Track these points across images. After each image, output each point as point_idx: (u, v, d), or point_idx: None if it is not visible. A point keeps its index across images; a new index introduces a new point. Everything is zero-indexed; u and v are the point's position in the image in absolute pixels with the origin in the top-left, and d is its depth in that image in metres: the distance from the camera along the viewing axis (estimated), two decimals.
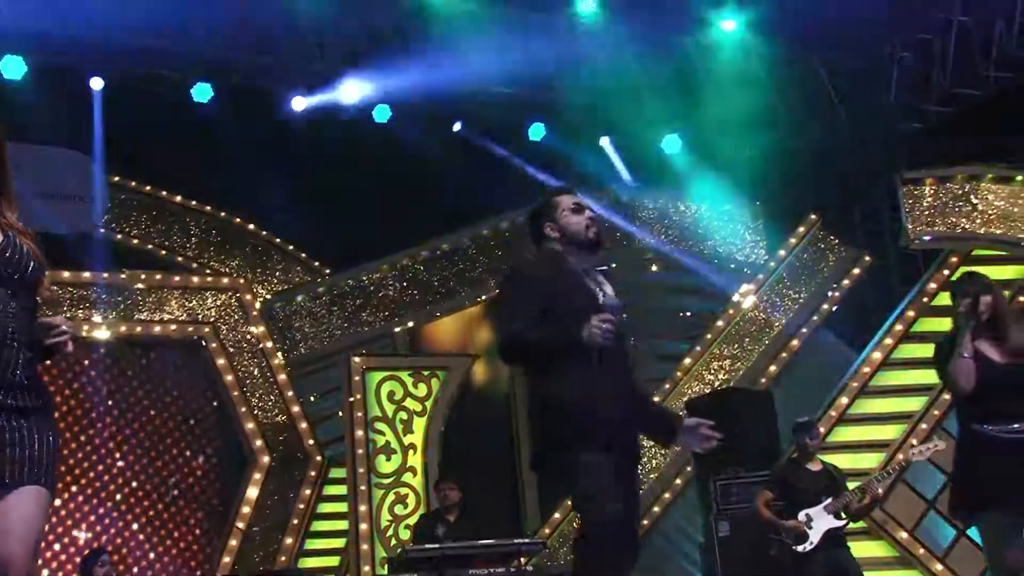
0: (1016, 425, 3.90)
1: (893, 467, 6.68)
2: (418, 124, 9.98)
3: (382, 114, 9.97)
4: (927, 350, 8.54)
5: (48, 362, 2.71)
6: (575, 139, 10.61)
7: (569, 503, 8.71)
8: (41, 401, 2.57)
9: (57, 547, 8.34)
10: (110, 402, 8.79)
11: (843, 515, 6.12)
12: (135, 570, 8.50)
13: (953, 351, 3.96)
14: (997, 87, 10.86)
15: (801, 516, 6.09)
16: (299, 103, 9.90)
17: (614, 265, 3.60)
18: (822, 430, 7.67)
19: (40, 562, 8.27)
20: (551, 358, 3.27)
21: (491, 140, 10.08)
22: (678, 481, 9.09)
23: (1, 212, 2.71)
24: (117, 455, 8.67)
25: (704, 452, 3.50)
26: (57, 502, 8.35)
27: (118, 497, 8.60)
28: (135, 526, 8.58)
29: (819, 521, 6.07)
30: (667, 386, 9.45)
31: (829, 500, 6.08)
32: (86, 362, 8.76)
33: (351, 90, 9.75)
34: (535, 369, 3.36)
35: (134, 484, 8.68)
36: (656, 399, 3.70)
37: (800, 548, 6.05)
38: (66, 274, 8.77)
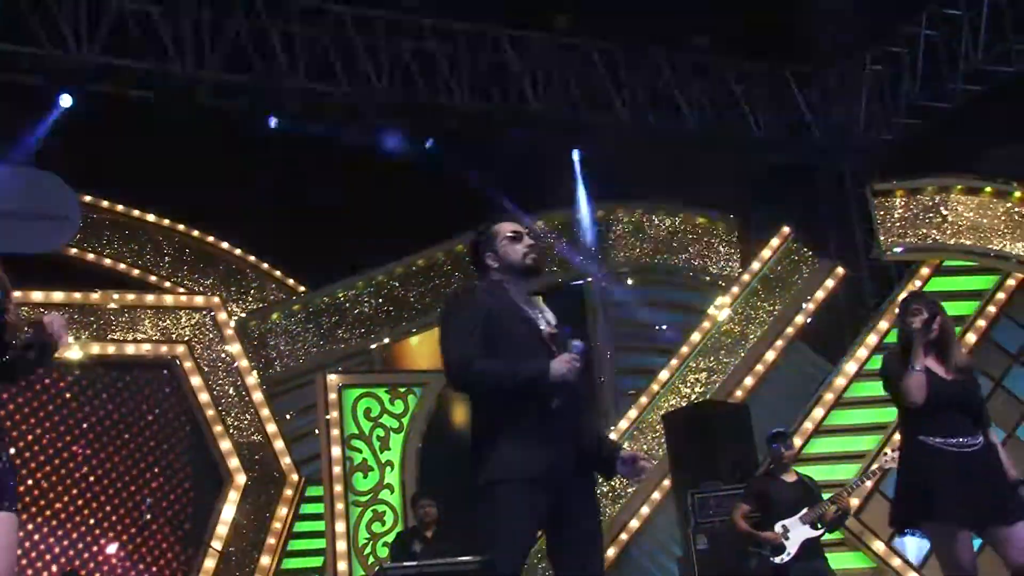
0: (960, 439, 4.09)
1: (866, 476, 6.71)
2: (392, 141, 9.99)
3: (354, 132, 9.95)
4: None
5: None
6: (547, 153, 10.65)
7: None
8: None
9: (30, 572, 8.22)
10: (84, 424, 8.68)
11: (819, 525, 6.15)
12: None
13: (903, 364, 4.11)
14: (965, 98, 11.02)
15: (778, 528, 6.11)
16: (272, 121, 9.88)
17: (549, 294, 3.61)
18: (798, 442, 7.70)
19: None
20: (503, 391, 3.22)
21: (463, 155, 10.08)
22: (656, 495, 9.09)
23: None
24: (91, 477, 8.57)
25: (635, 479, 3.49)
26: (30, 525, 8.24)
27: (91, 520, 8.49)
28: (110, 548, 8.47)
29: (795, 532, 6.09)
30: (644, 400, 9.47)
31: (805, 511, 6.11)
32: (60, 383, 8.66)
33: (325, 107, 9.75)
34: (483, 399, 3.31)
35: (108, 506, 8.57)
36: (610, 432, 3.51)
37: (778, 559, 6.07)
38: (37, 294, 8.68)
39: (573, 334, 3.35)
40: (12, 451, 2.62)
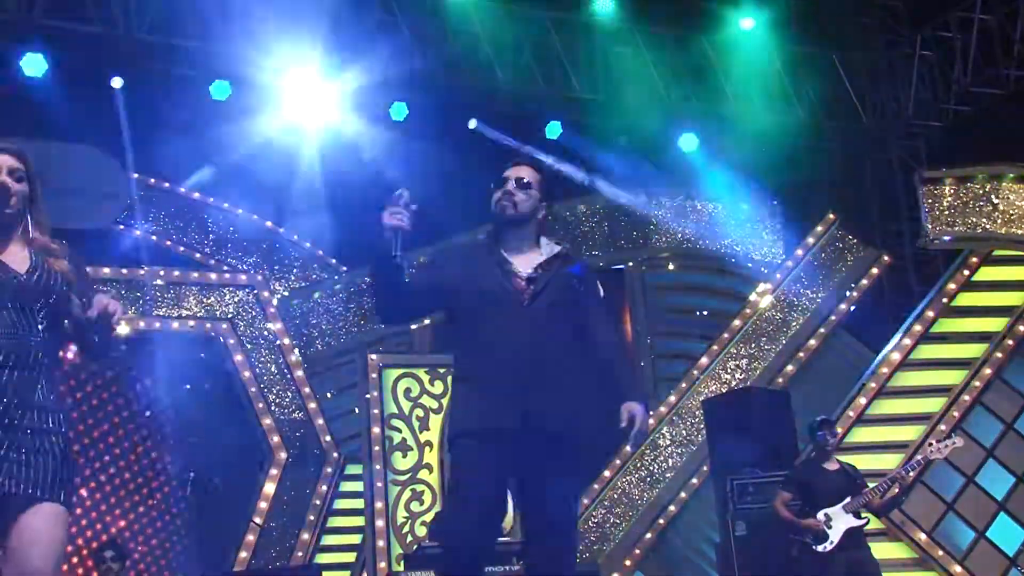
0: None
1: (911, 465, 6.63)
2: (436, 122, 10.00)
3: (399, 112, 9.98)
4: (946, 351, 8.61)
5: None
6: (592, 137, 10.60)
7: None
8: (60, 419, 2.65)
9: (80, 541, 8.40)
10: (127, 399, 8.83)
11: (862, 514, 6.09)
12: (155, 563, 8.54)
13: None
14: (1018, 85, 10.79)
15: (820, 516, 6.06)
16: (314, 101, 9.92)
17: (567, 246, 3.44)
18: (840, 430, 7.63)
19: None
20: (379, 295, 3.24)
21: (508, 136, 10.06)
22: (694, 480, 9.07)
23: (29, 234, 2.72)
24: (134, 452, 8.71)
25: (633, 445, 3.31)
26: (81, 494, 8.41)
27: (135, 495, 8.64)
28: (152, 519, 8.62)
29: (838, 521, 6.04)
30: (683, 385, 9.43)
31: (848, 499, 6.05)
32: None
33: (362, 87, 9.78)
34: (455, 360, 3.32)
35: (153, 481, 8.71)
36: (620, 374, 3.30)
37: (820, 548, 6.02)
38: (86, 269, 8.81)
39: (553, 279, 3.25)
40: (76, 447, 2.64)
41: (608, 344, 3.30)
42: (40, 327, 2.64)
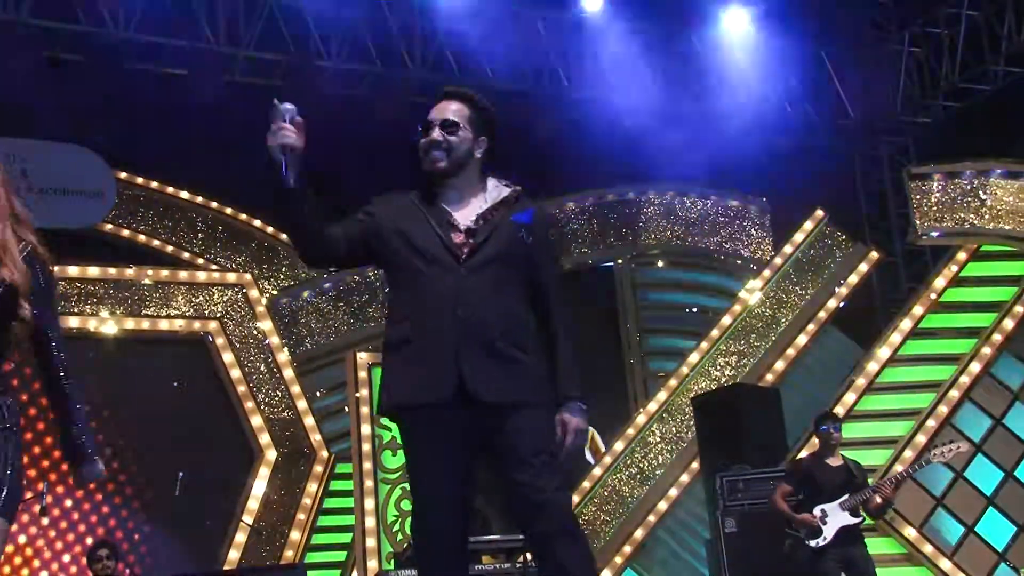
0: None
1: (912, 468, 6.57)
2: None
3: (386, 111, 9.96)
4: (935, 347, 8.64)
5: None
6: (582, 134, 10.59)
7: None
8: (10, 424, 2.52)
9: (71, 537, 8.37)
10: (117, 399, 8.79)
11: (858, 513, 6.07)
12: (141, 563, 8.52)
13: None
14: (1006, 81, 10.82)
15: (816, 511, 6.05)
16: (304, 100, 9.91)
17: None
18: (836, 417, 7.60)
19: (49, 554, 8.29)
20: (290, 230, 2.92)
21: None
22: (684, 477, 9.07)
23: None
24: (124, 452, 8.68)
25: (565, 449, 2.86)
26: (67, 498, 8.37)
27: (124, 493, 8.62)
28: (142, 519, 8.60)
29: (834, 517, 6.02)
30: (673, 382, 9.44)
31: (845, 497, 6.03)
32: (94, 358, 8.77)
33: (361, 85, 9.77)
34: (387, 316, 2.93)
35: (140, 480, 8.69)
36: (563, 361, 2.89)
37: (813, 543, 6.02)
38: (73, 269, 8.78)
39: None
40: (25, 459, 2.50)
41: (553, 312, 2.91)
42: None
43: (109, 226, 9.81)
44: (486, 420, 2.75)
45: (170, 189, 10.24)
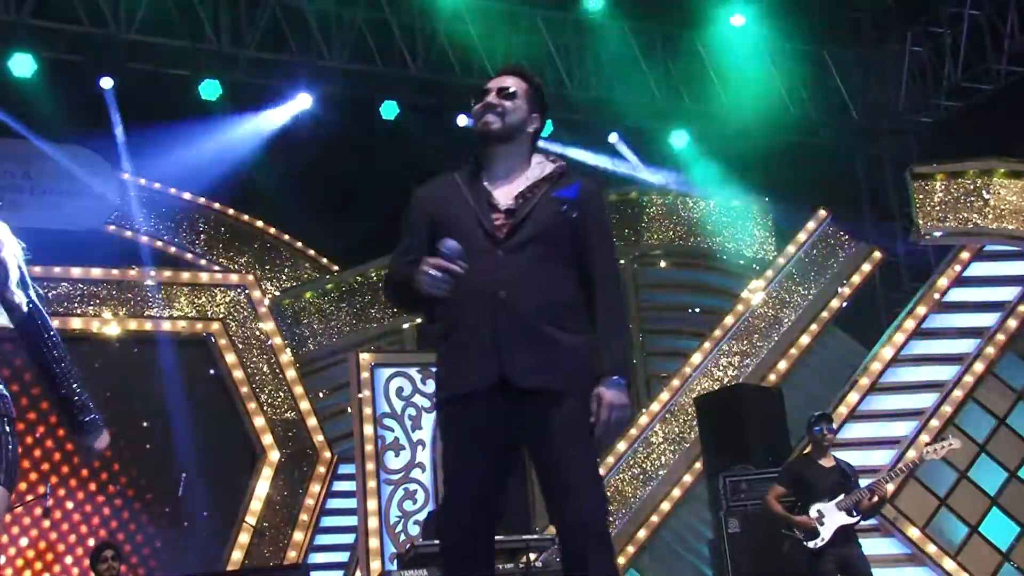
0: None
1: (905, 465, 6.61)
2: (423, 119, 9.99)
3: (389, 110, 9.97)
4: (938, 346, 8.62)
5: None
6: (582, 135, 10.60)
7: None
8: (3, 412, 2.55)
9: (62, 547, 8.36)
10: (120, 399, 8.79)
11: (855, 512, 6.08)
12: (144, 564, 8.52)
13: None
14: (1009, 80, 10.82)
15: (813, 512, 6.06)
16: (306, 100, 9.92)
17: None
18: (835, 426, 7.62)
19: (52, 556, 8.30)
20: (409, 302, 2.81)
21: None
22: (687, 478, 9.07)
23: None
24: (126, 452, 8.68)
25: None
26: (69, 500, 8.37)
27: (127, 494, 8.62)
28: (145, 520, 8.60)
29: (831, 517, 6.04)
30: (676, 382, 9.43)
31: (841, 497, 6.04)
32: (97, 359, 8.77)
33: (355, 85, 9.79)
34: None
35: (143, 480, 8.69)
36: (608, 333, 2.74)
37: (811, 544, 6.02)
38: (76, 271, 8.79)
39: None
40: (26, 463, 2.57)
41: (598, 287, 2.77)
42: None
43: (112, 227, 9.81)
44: (526, 409, 2.66)
45: (172, 190, 10.25)
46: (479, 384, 2.67)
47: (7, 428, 2.53)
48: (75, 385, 2.65)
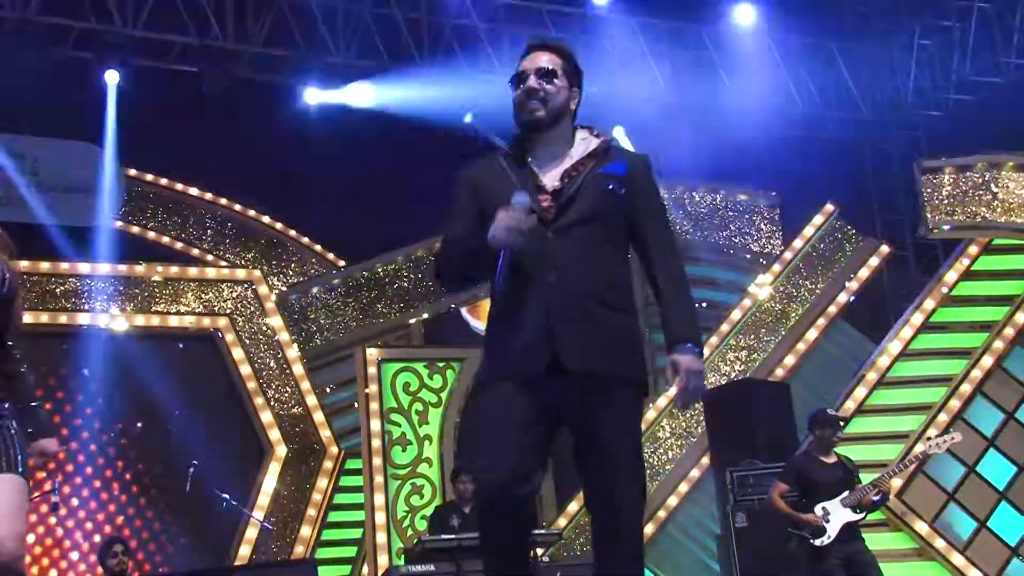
0: None
1: (910, 459, 6.61)
2: (436, 115, 9.97)
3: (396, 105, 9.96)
4: (946, 340, 8.60)
5: None
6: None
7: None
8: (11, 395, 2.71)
9: (78, 535, 8.40)
10: (127, 394, 8.82)
11: (859, 509, 6.07)
12: (151, 559, 8.55)
13: None
14: (1017, 73, 10.76)
15: (818, 510, 6.05)
16: (313, 96, 9.93)
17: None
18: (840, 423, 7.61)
19: (58, 552, 8.33)
20: (472, 272, 2.74)
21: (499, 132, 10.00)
22: (694, 472, 9.06)
23: None
24: (135, 446, 8.71)
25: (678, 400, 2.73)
26: (73, 496, 8.40)
27: (134, 489, 8.64)
28: (152, 515, 8.62)
29: (836, 515, 6.03)
30: None
31: (846, 493, 6.04)
32: (104, 357, 8.80)
33: (364, 85, 9.79)
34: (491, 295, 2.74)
35: (150, 476, 8.71)
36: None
37: (818, 542, 6.02)
38: (83, 266, 8.81)
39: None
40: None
41: (657, 262, 2.73)
42: None
43: (119, 223, 9.83)
44: (575, 393, 2.62)
45: (179, 186, 10.27)
46: (531, 367, 2.62)
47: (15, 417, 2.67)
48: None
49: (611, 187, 2.70)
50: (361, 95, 9.82)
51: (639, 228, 2.75)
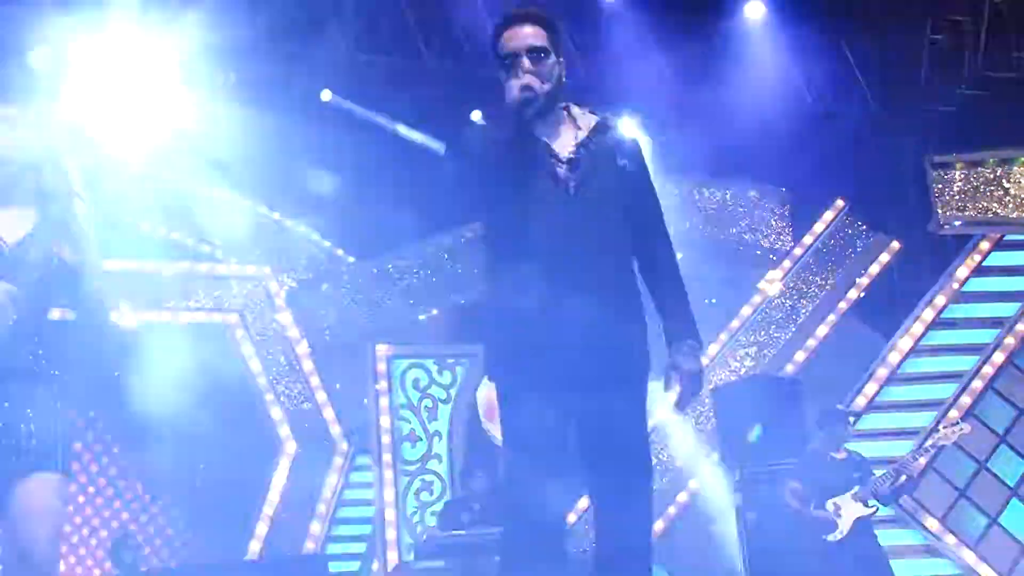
0: None
1: (924, 449, 6.57)
2: (438, 110, 9.96)
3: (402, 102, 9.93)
4: (957, 337, 8.56)
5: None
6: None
7: None
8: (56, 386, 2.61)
9: (77, 539, 8.42)
10: (136, 389, 8.84)
11: (870, 503, 6.06)
12: (161, 555, 8.58)
13: None
14: None
15: (829, 506, 6.05)
16: (324, 93, 9.92)
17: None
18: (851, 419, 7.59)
19: (65, 548, 8.35)
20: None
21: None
22: (705, 469, 9.04)
23: None
24: (144, 443, 8.73)
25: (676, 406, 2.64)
26: (82, 492, 8.43)
27: (144, 483, 8.67)
28: (162, 511, 8.65)
29: (847, 510, 6.02)
30: None
31: (857, 489, 6.03)
32: (113, 352, 8.82)
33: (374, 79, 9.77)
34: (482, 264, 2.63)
35: (161, 469, 8.73)
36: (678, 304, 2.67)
37: (830, 538, 6.01)
38: None
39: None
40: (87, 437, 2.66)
41: (659, 246, 2.72)
42: None
43: (128, 218, 9.84)
44: (594, 385, 2.54)
45: (189, 182, 10.26)
46: (560, 342, 2.48)
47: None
48: None
49: (623, 163, 2.66)
50: (372, 89, 9.80)
51: (635, 210, 2.69)
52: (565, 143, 2.65)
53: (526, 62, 2.62)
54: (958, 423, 6.34)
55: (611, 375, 2.55)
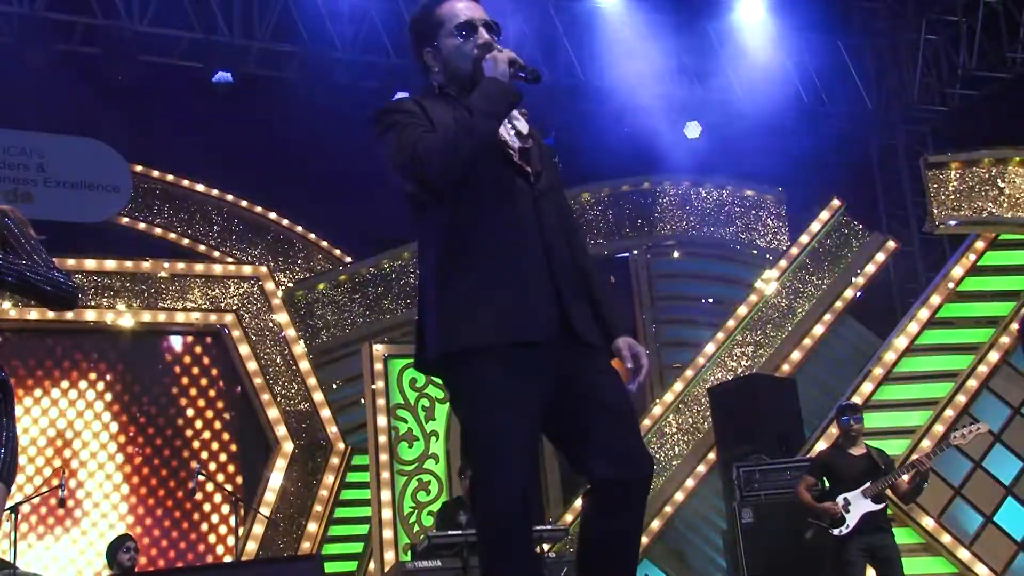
0: None
1: (940, 447, 6.57)
2: None
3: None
4: (952, 336, 8.58)
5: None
6: (594, 123, 10.57)
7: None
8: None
9: (88, 530, 8.42)
10: (134, 391, 8.85)
11: (882, 500, 6.08)
12: (160, 556, 8.57)
13: None
14: None
15: (839, 500, 6.07)
16: (317, 91, 9.92)
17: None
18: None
19: (66, 548, 8.35)
20: (474, 157, 2.38)
21: None
22: (701, 468, 9.06)
23: None
24: (140, 445, 8.73)
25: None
26: (81, 492, 8.42)
27: (142, 486, 8.66)
28: (160, 512, 8.65)
29: (856, 505, 6.04)
30: (689, 373, 9.41)
31: (867, 484, 6.04)
32: (110, 351, 8.82)
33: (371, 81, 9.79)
34: (424, 223, 2.51)
35: (159, 471, 8.73)
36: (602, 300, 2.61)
37: (836, 532, 6.03)
38: (90, 263, 8.82)
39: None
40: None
41: (583, 241, 2.67)
42: None
43: (125, 219, 9.85)
44: (575, 361, 2.45)
45: (186, 182, 10.27)
46: (542, 334, 2.40)
47: (4, 421, 2.52)
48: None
49: (556, 159, 2.62)
50: (370, 91, 9.81)
51: (566, 202, 2.68)
52: (509, 130, 2.53)
53: (486, 34, 2.51)
54: (976, 423, 6.35)
55: (598, 363, 2.53)
